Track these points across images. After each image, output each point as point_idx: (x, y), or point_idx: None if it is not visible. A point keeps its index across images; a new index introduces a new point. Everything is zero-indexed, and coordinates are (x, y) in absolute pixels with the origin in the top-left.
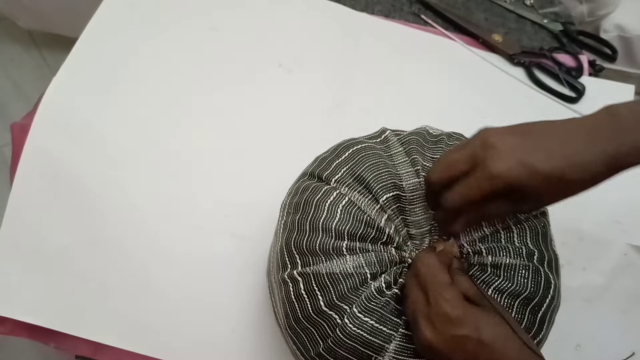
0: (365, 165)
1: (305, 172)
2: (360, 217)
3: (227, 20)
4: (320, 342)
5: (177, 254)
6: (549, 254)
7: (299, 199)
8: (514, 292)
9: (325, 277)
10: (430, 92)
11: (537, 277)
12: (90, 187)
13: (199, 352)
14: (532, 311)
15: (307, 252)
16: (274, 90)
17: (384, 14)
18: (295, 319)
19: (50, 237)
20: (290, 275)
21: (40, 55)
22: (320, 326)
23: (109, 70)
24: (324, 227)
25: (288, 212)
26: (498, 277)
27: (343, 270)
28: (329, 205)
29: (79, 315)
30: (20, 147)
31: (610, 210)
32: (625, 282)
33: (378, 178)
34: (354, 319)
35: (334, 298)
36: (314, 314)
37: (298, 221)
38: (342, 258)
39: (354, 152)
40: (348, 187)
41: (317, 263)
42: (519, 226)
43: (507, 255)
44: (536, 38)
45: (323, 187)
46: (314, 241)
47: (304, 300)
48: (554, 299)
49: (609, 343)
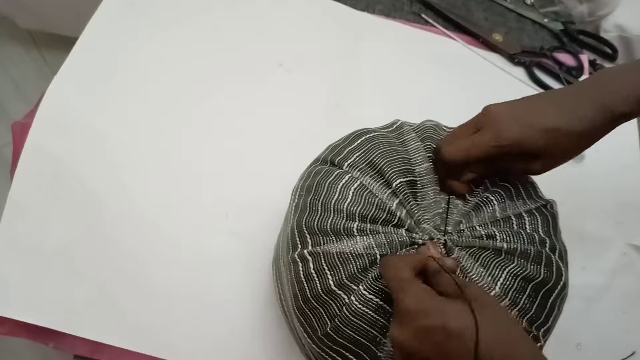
0: (378, 152)
1: (317, 158)
2: (372, 200)
3: (228, 20)
4: (328, 321)
5: (177, 253)
6: (559, 245)
7: (311, 182)
8: (528, 276)
9: (335, 257)
10: (430, 91)
11: (549, 263)
12: (90, 186)
13: (199, 351)
14: (544, 295)
15: (318, 232)
16: (274, 89)
17: (384, 13)
18: (304, 298)
19: (50, 237)
20: (301, 255)
21: (40, 55)
22: (328, 305)
23: (109, 70)
24: (336, 207)
25: (300, 194)
26: (512, 262)
27: (353, 251)
28: (341, 187)
29: (77, 315)
30: (20, 146)
31: (610, 210)
32: (625, 282)
33: (391, 163)
34: (360, 297)
35: (343, 278)
36: (323, 293)
37: (310, 202)
38: (352, 238)
39: (367, 139)
40: (360, 172)
41: (328, 243)
42: (531, 215)
43: (520, 241)
44: (537, 37)
45: (335, 170)
46: (326, 221)
47: (313, 279)
48: (564, 288)
49: (610, 342)
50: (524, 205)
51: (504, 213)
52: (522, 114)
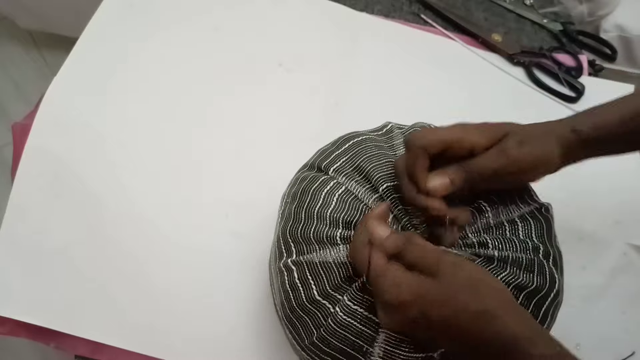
0: (365, 156)
1: (306, 163)
2: (357, 205)
3: (228, 20)
4: (314, 331)
5: (176, 253)
6: (554, 251)
7: (297, 189)
8: (520, 284)
9: (319, 267)
10: (429, 91)
11: (542, 271)
12: (90, 186)
13: (199, 351)
14: (537, 304)
15: (302, 241)
16: (274, 89)
17: (383, 13)
18: (291, 307)
19: (51, 237)
20: (285, 264)
21: (40, 55)
22: (314, 315)
23: (109, 70)
24: (319, 214)
25: (286, 201)
26: (504, 270)
27: (336, 260)
28: (325, 194)
29: (78, 315)
30: (21, 147)
31: (610, 210)
32: (624, 282)
33: (378, 168)
34: (344, 308)
35: (327, 287)
36: (308, 303)
37: (294, 210)
38: (335, 247)
39: (354, 144)
40: (346, 177)
41: (311, 252)
42: (524, 221)
43: (513, 249)
44: (536, 38)
45: (321, 177)
46: (309, 229)
47: (298, 289)
48: (557, 295)
49: (609, 342)
50: (517, 210)
51: (497, 219)
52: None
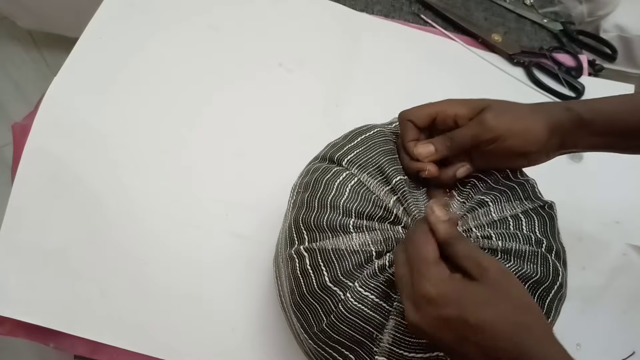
0: (379, 149)
1: (317, 156)
2: (369, 197)
3: (227, 20)
4: (323, 317)
5: (177, 254)
6: (557, 246)
7: (309, 179)
8: (524, 275)
9: (331, 253)
10: (429, 91)
11: (545, 263)
12: (90, 187)
13: (198, 351)
14: (541, 296)
15: (315, 228)
16: (274, 89)
17: (383, 13)
18: (300, 294)
19: (50, 237)
20: (297, 251)
21: (40, 55)
22: (324, 302)
23: (109, 70)
24: (332, 204)
25: (298, 191)
26: (508, 261)
27: (349, 247)
28: (339, 184)
29: (78, 315)
30: (21, 147)
31: (610, 210)
32: (624, 282)
33: (391, 161)
34: (355, 294)
35: (339, 274)
36: (319, 289)
37: (307, 198)
38: (348, 235)
39: (367, 137)
40: (359, 169)
41: (324, 239)
42: (527, 216)
43: (516, 241)
44: (536, 38)
45: (334, 168)
46: (322, 217)
47: (309, 275)
48: (561, 288)
49: (609, 342)
50: (521, 206)
51: (500, 214)
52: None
